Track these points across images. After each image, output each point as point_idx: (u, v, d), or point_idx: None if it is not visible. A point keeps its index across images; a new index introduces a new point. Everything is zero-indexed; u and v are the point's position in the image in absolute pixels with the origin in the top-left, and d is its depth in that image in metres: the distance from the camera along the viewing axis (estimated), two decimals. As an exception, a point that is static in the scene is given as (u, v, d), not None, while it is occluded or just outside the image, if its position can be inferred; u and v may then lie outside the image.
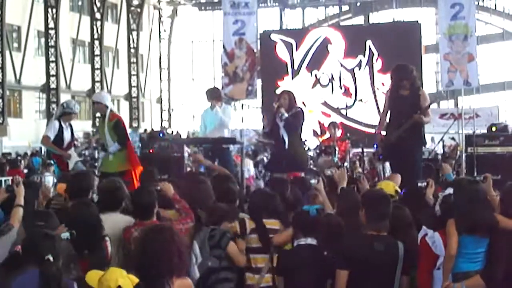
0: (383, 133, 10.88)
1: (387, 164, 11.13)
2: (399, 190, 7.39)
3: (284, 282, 6.14)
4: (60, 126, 12.17)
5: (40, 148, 30.62)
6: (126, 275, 4.31)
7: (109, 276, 4.27)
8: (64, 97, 39.34)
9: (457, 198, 5.96)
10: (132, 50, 48.95)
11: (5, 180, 17.95)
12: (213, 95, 13.42)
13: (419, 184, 7.88)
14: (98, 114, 11.98)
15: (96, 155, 25.75)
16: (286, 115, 11.13)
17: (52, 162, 12.65)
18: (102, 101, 11.86)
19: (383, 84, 24.16)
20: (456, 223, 5.76)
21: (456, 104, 36.56)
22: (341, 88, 24.81)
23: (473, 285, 5.66)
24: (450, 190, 6.50)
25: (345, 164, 15.05)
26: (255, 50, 24.66)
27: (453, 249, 5.71)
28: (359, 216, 6.01)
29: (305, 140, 13.64)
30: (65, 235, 5.40)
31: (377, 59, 24.46)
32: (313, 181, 8.56)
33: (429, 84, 37.42)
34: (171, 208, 6.90)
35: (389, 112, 10.75)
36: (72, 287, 4.82)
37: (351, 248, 5.89)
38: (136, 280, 4.28)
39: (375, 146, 11.37)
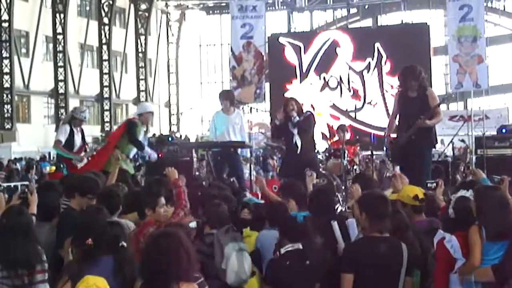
0: (393, 135, 10.86)
1: (397, 168, 11.04)
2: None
3: None
4: (71, 130, 12.28)
5: (49, 153, 30.66)
6: (94, 283, 4.40)
7: (80, 285, 4.43)
8: (73, 102, 39.50)
9: (482, 205, 5.80)
10: (140, 55, 48.99)
11: (14, 186, 17.95)
12: (227, 97, 13.39)
13: (429, 185, 7.79)
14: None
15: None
16: (298, 118, 11.11)
17: (62, 166, 12.67)
18: None
19: (391, 86, 24.12)
20: (481, 230, 5.66)
21: (465, 106, 36.40)
22: (350, 91, 24.78)
23: (482, 275, 5.54)
24: (462, 192, 6.43)
25: (355, 167, 14.99)
26: (263, 54, 24.66)
27: (477, 260, 5.57)
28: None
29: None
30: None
31: (385, 62, 24.42)
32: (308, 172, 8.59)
33: (438, 86, 37.28)
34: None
35: (398, 115, 10.75)
36: None
37: (355, 251, 5.85)
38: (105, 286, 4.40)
39: (385, 149, 11.33)
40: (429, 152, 10.68)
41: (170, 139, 16.85)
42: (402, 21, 40.38)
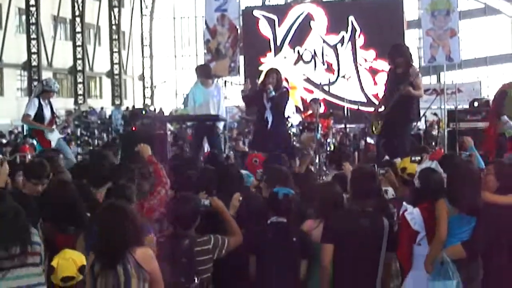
0: (381, 109, 11.42)
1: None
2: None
3: (256, 261, 6.09)
4: (40, 103, 12.20)
5: (22, 126, 30.46)
6: (71, 256, 4.78)
7: (57, 257, 4.80)
8: (46, 75, 39.15)
9: (452, 177, 5.90)
10: (114, 27, 48.61)
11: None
12: (202, 72, 13.40)
13: (413, 158, 7.88)
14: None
15: (79, 133, 25.66)
16: (273, 93, 11.12)
17: (33, 140, 12.63)
18: None
19: (365, 60, 24.21)
20: (449, 202, 5.71)
21: (438, 80, 36.62)
22: (323, 64, 24.77)
23: (453, 253, 5.59)
24: (427, 164, 6.54)
25: (328, 140, 15.09)
26: (237, 27, 24.54)
27: (444, 234, 5.64)
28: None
29: (288, 117, 13.63)
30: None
31: (359, 35, 24.43)
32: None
33: (412, 60, 37.36)
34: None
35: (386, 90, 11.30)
36: None
37: (337, 223, 5.89)
38: (82, 263, 4.77)
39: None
40: (404, 127, 10.96)
41: (144, 112, 16.86)
42: (376, -6, 40.44)
